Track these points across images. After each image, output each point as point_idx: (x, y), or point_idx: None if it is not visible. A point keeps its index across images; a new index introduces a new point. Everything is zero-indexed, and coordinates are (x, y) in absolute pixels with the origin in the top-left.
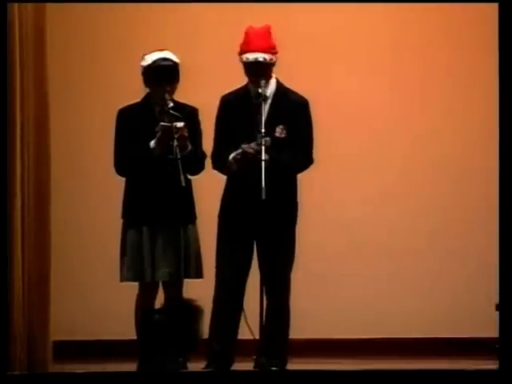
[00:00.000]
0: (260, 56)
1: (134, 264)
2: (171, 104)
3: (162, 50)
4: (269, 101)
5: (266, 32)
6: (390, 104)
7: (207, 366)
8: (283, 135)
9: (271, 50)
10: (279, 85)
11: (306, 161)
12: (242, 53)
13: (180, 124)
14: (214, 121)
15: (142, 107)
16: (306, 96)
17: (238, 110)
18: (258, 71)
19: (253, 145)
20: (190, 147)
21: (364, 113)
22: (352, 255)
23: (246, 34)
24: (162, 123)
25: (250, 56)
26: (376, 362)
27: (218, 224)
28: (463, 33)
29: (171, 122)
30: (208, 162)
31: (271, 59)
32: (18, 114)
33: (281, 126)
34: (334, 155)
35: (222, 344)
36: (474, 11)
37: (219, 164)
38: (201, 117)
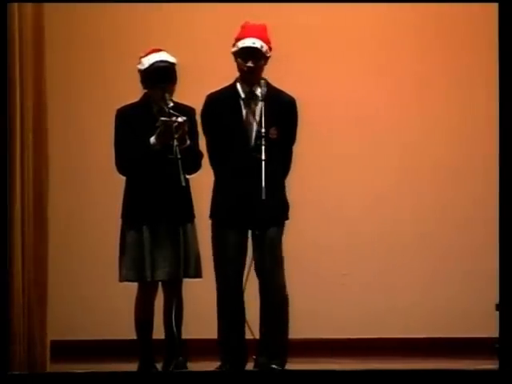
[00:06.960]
0: (257, 42)
1: (134, 264)
2: (171, 104)
3: (159, 50)
4: (262, 102)
5: (263, 28)
6: (389, 104)
7: (221, 367)
8: (275, 136)
9: (267, 43)
10: (269, 86)
11: (290, 161)
12: (236, 41)
13: (181, 118)
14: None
15: (141, 107)
16: (303, 96)
17: (226, 109)
18: (253, 59)
19: None
20: (188, 142)
21: (362, 113)
22: (352, 255)
23: (243, 27)
24: (163, 118)
25: (247, 41)
26: (376, 362)
27: (212, 224)
28: (463, 33)
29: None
30: (207, 162)
31: (266, 51)
32: (18, 113)
33: (274, 128)
34: (332, 155)
35: (233, 343)
36: (473, 11)
37: (217, 162)
38: (197, 117)
